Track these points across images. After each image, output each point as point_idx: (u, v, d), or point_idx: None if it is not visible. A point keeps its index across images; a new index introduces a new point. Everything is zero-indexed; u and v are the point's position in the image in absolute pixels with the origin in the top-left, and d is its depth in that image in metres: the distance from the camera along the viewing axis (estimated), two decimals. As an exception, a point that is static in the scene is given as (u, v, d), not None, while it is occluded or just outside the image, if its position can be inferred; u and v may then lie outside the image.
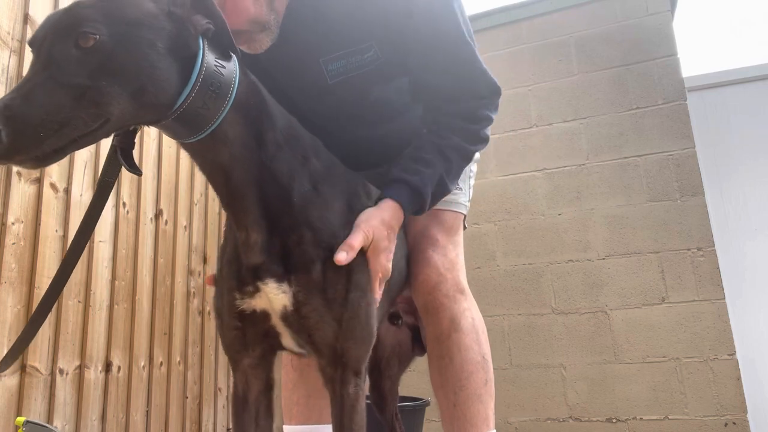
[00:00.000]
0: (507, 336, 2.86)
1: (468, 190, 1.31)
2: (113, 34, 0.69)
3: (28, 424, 1.48)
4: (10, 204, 1.64)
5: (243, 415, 0.96)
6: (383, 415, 1.45)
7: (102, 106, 0.68)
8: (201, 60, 0.77)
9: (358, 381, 0.92)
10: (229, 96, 0.80)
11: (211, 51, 0.79)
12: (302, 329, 0.89)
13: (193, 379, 2.41)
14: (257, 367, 0.96)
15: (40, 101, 0.64)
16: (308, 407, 1.29)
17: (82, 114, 0.66)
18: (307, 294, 0.87)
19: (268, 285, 0.87)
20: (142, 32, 0.72)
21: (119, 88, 0.69)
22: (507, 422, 2.75)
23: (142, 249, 2.19)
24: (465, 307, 1.17)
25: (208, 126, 0.79)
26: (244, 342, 0.93)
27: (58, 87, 0.66)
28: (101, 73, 0.68)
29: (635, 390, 2.60)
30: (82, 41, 0.68)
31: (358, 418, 0.90)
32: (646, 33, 2.90)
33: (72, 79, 0.67)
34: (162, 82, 0.73)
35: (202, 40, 0.79)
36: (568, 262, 2.83)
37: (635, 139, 2.83)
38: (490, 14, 3.18)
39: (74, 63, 0.67)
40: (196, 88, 0.76)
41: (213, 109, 0.78)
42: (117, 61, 0.69)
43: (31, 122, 0.63)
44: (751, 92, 3.06)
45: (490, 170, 3.03)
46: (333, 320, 0.88)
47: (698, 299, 2.58)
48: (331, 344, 0.89)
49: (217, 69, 0.79)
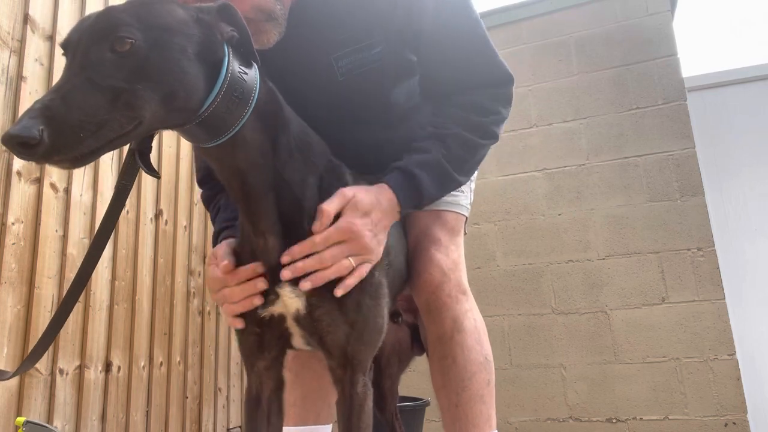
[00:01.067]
0: (507, 336, 2.86)
1: (469, 193, 1.31)
2: (148, 39, 0.71)
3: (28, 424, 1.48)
4: (10, 204, 1.64)
5: (256, 414, 0.98)
6: (383, 414, 1.45)
7: (136, 109, 0.69)
8: (227, 66, 0.79)
9: (366, 381, 0.93)
10: (251, 102, 0.82)
11: (235, 58, 0.81)
12: (314, 332, 0.91)
13: (193, 379, 2.41)
14: (270, 369, 0.98)
15: (79, 103, 0.66)
16: (304, 408, 1.28)
17: (117, 116, 0.68)
18: (319, 298, 0.88)
19: (284, 288, 0.88)
20: (174, 38, 0.74)
21: (151, 92, 0.71)
22: (507, 422, 2.75)
23: (142, 249, 2.19)
24: (467, 308, 1.17)
25: (229, 131, 0.81)
26: (261, 346, 0.95)
27: (95, 89, 0.67)
28: (136, 77, 0.70)
29: (635, 390, 2.60)
30: (118, 45, 0.70)
31: (366, 418, 0.92)
32: (646, 33, 2.90)
33: (108, 81, 0.68)
34: (191, 87, 0.75)
35: (227, 47, 0.81)
36: (568, 262, 2.83)
37: (635, 139, 2.83)
38: (490, 14, 3.18)
39: (110, 66, 0.69)
40: (221, 93, 0.78)
41: (235, 114, 0.80)
42: (151, 65, 0.71)
43: (70, 123, 0.64)
44: (751, 92, 3.06)
45: (490, 170, 3.03)
46: (345, 324, 0.89)
47: (698, 299, 2.59)
48: (343, 346, 0.90)
49: (241, 76, 0.81)
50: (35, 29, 1.80)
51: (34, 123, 0.62)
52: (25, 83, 1.72)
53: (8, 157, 1.66)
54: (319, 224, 0.88)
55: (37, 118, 0.62)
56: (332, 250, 0.89)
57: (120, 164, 2.12)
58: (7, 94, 1.68)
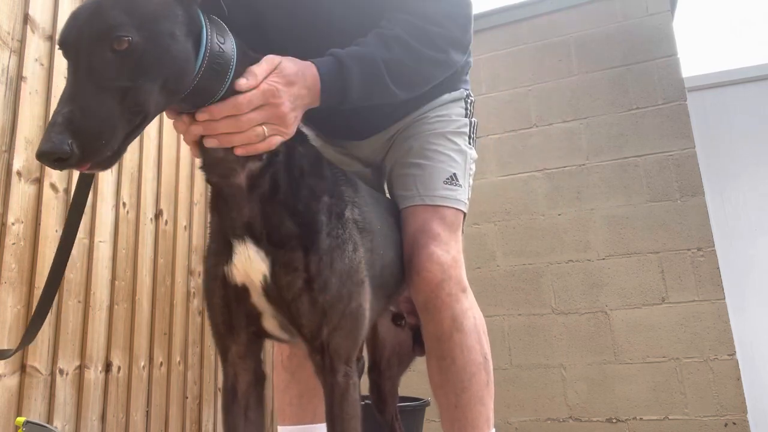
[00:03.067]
0: (507, 336, 2.86)
1: (467, 188, 1.27)
2: (141, 33, 0.73)
3: (28, 424, 1.48)
4: (10, 204, 1.64)
5: (232, 407, 0.96)
6: (383, 415, 1.45)
7: (141, 104, 0.73)
8: (206, 37, 0.81)
9: (348, 370, 0.91)
10: (230, 70, 0.84)
11: (212, 28, 0.83)
12: (283, 305, 0.89)
13: (193, 379, 2.41)
14: (245, 357, 0.96)
15: (95, 110, 0.70)
16: (301, 407, 1.28)
17: (127, 114, 0.72)
18: (285, 266, 0.88)
19: (250, 249, 0.88)
20: (163, 25, 0.76)
21: (151, 83, 0.74)
22: (507, 422, 2.75)
23: (142, 249, 2.19)
24: (467, 306, 1.15)
25: (212, 99, 0.83)
26: (230, 325, 0.94)
27: (104, 93, 0.71)
28: (137, 73, 0.73)
29: (635, 390, 2.60)
30: (116, 45, 0.72)
31: (349, 408, 0.90)
32: (646, 33, 2.90)
33: (114, 83, 0.72)
34: (184, 69, 0.78)
35: (203, 18, 0.83)
36: (568, 262, 2.83)
37: (635, 139, 2.83)
38: (490, 14, 3.18)
39: (113, 67, 0.72)
40: (204, 65, 0.80)
41: (217, 83, 0.83)
42: (148, 59, 0.74)
43: (93, 131, 0.69)
44: (751, 92, 3.06)
45: (490, 170, 3.03)
46: (313, 298, 0.88)
47: (698, 299, 2.59)
48: (315, 328, 0.89)
49: (219, 44, 0.83)
50: (35, 29, 1.80)
51: (63, 138, 0.66)
52: (25, 83, 1.72)
53: (8, 157, 1.66)
54: (245, 82, 0.85)
55: (63, 133, 0.67)
56: (250, 115, 0.86)
57: (120, 164, 2.12)
58: (7, 94, 1.68)
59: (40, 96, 1.78)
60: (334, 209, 0.95)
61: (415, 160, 1.24)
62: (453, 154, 1.25)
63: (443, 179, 1.21)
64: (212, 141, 0.86)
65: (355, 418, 0.90)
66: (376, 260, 1.02)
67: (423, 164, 1.22)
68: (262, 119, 0.87)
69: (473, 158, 1.30)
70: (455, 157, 1.25)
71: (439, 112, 1.27)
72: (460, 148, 1.26)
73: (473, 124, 1.32)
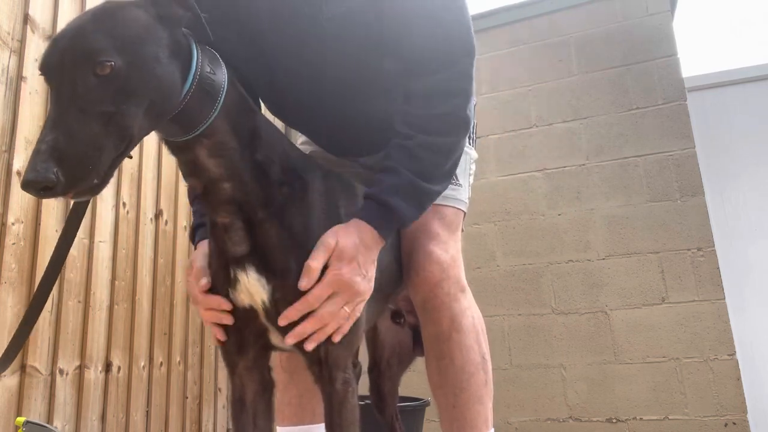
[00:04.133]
0: (507, 336, 2.86)
1: (468, 188, 1.27)
2: (125, 58, 0.72)
3: (28, 424, 1.47)
4: (10, 204, 1.64)
5: (241, 417, 0.97)
6: (383, 415, 1.45)
7: (126, 128, 0.72)
8: (196, 61, 0.81)
9: (347, 376, 0.92)
10: (220, 98, 0.84)
11: (203, 55, 0.83)
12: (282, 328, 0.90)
13: (193, 379, 2.41)
14: (252, 370, 0.97)
15: (80, 136, 0.68)
16: (300, 407, 1.28)
17: (112, 139, 0.71)
18: (282, 292, 0.88)
19: (249, 275, 0.89)
20: (146, 48, 0.75)
21: (136, 107, 0.73)
22: (507, 422, 2.75)
23: (142, 249, 2.19)
24: (465, 306, 1.15)
25: (198, 127, 0.83)
26: (240, 344, 0.95)
27: (88, 118, 0.70)
28: (120, 98, 0.72)
29: (635, 390, 2.60)
30: (99, 70, 0.71)
31: (349, 414, 0.91)
32: (646, 33, 2.90)
33: (98, 107, 0.70)
34: (169, 92, 0.77)
35: (194, 43, 0.83)
36: (568, 262, 2.83)
37: (635, 139, 2.83)
38: (490, 14, 3.18)
39: (96, 92, 0.71)
40: (193, 87, 0.80)
41: (206, 107, 0.83)
42: (132, 83, 0.73)
43: (78, 158, 0.67)
44: (751, 92, 3.06)
45: (490, 170, 3.03)
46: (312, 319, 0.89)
47: (698, 299, 2.59)
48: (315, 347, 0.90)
49: (209, 74, 0.83)
50: (35, 29, 1.80)
51: (48, 166, 0.65)
52: (25, 83, 1.72)
53: (8, 157, 1.66)
54: (306, 281, 0.87)
55: (48, 161, 0.65)
56: (328, 306, 0.88)
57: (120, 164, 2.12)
58: (7, 94, 1.68)
59: (40, 96, 1.78)
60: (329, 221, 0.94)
61: None
62: None
63: None
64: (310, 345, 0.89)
65: (354, 424, 0.92)
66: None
67: None
68: (341, 304, 0.89)
69: (473, 158, 1.31)
70: None
71: None
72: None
73: (473, 124, 1.30)
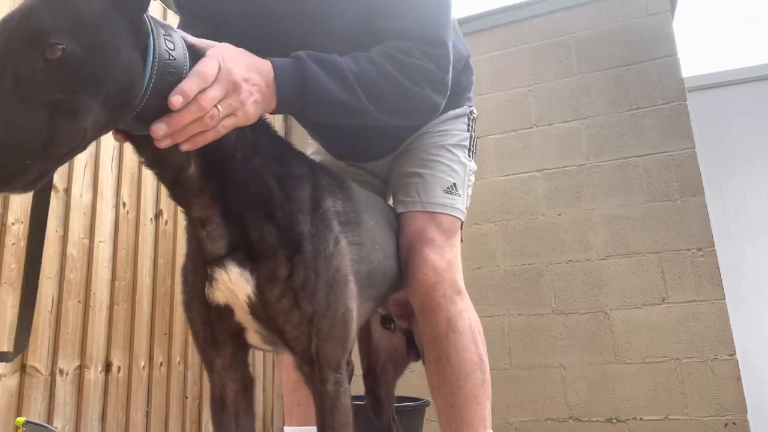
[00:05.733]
0: (507, 336, 2.85)
1: (466, 198, 1.32)
2: (78, 41, 0.65)
3: (28, 425, 1.48)
4: (10, 204, 1.64)
5: (222, 417, 0.95)
6: (380, 419, 1.46)
7: (78, 119, 0.64)
8: (152, 45, 0.72)
9: (339, 377, 0.90)
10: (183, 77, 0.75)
11: (158, 33, 0.74)
12: (270, 321, 0.87)
13: (193, 379, 2.41)
14: (230, 368, 0.95)
15: (19, 125, 0.60)
16: (310, 408, 1.29)
17: (62, 131, 0.63)
18: (270, 281, 0.85)
19: (231, 272, 0.85)
20: (103, 33, 0.67)
21: (90, 98, 0.65)
22: (507, 422, 2.75)
23: (142, 249, 2.19)
24: (462, 308, 1.17)
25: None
26: (214, 341, 0.92)
27: (32, 106, 0.62)
28: (72, 85, 0.64)
29: (635, 390, 2.60)
30: (49, 53, 0.63)
31: (340, 416, 0.88)
32: (646, 33, 2.90)
33: (45, 95, 0.63)
34: (129, 85, 0.69)
35: (151, 24, 0.73)
36: (568, 262, 2.83)
37: (635, 139, 2.83)
38: (490, 14, 3.18)
39: (44, 77, 0.63)
40: (153, 76, 0.71)
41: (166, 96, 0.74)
42: (85, 70, 0.65)
43: (15, 150, 0.60)
44: (751, 92, 3.06)
45: (490, 170, 3.03)
46: (301, 311, 0.85)
47: (698, 299, 2.58)
48: (304, 339, 0.87)
49: (168, 51, 0.74)
50: None
51: None
52: (25, 83, 1.72)
53: (8, 158, 1.66)
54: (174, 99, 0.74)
55: None
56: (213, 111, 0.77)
57: (120, 164, 2.12)
58: (7, 95, 1.68)
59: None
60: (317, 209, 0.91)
61: (417, 169, 1.29)
62: (453, 165, 1.30)
63: (443, 188, 1.26)
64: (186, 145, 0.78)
65: (347, 425, 0.89)
66: (364, 260, 1.01)
67: (424, 173, 1.27)
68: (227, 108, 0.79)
69: (472, 170, 1.36)
70: (455, 168, 1.30)
71: (443, 126, 1.32)
72: (460, 160, 1.31)
73: (473, 138, 1.38)
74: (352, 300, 0.93)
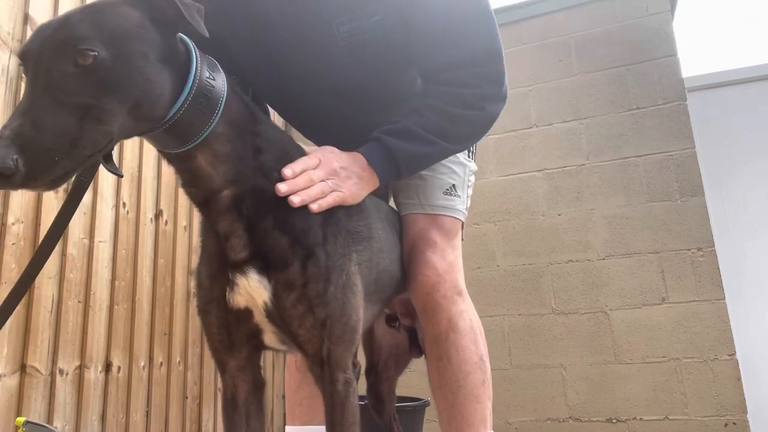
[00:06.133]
0: (507, 336, 2.85)
1: (466, 199, 1.33)
2: (110, 50, 0.69)
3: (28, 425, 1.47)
4: (10, 204, 1.64)
5: (233, 417, 0.97)
6: (381, 417, 1.46)
7: (105, 124, 0.68)
8: (195, 70, 0.78)
9: (347, 377, 0.92)
10: (219, 107, 0.81)
11: (203, 62, 0.81)
12: (284, 325, 0.89)
13: (193, 379, 2.41)
14: (243, 369, 0.97)
15: (49, 125, 0.64)
16: (312, 408, 1.29)
17: (88, 133, 0.67)
18: (286, 288, 0.87)
19: (250, 279, 0.88)
20: (135, 45, 0.72)
21: (118, 104, 0.69)
22: (507, 422, 2.75)
23: (142, 249, 2.19)
24: (462, 308, 1.18)
25: (197, 137, 0.80)
26: (230, 343, 0.94)
27: (62, 108, 0.66)
28: (101, 91, 0.68)
29: (635, 390, 2.60)
30: (80, 59, 0.67)
31: (349, 415, 0.91)
32: (646, 33, 2.90)
33: (74, 98, 0.67)
34: (157, 94, 0.74)
35: (194, 49, 0.80)
36: (568, 262, 2.83)
37: (635, 140, 2.83)
38: (490, 14, 3.18)
39: (75, 82, 0.67)
40: (189, 98, 0.77)
41: (203, 120, 0.80)
42: (115, 77, 0.69)
43: (43, 148, 0.63)
44: (751, 92, 3.06)
45: (490, 170, 3.03)
46: (315, 317, 0.88)
47: (698, 299, 2.58)
48: (316, 342, 0.90)
49: (209, 81, 0.80)
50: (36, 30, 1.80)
51: (8, 152, 0.61)
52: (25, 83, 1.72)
53: (8, 158, 1.66)
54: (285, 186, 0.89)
55: (9, 147, 0.61)
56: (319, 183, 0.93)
57: (119, 164, 2.12)
58: (7, 95, 1.68)
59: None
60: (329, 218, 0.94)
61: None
62: (453, 167, 1.31)
63: (443, 190, 1.27)
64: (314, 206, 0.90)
65: (355, 424, 0.92)
66: (373, 266, 1.04)
67: (424, 175, 1.28)
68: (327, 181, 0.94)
69: (472, 171, 1.37)
70: (455, 169, 1.31)
71: None
72: (459, 161, 1.32)
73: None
74: (361, 306, 0.96)
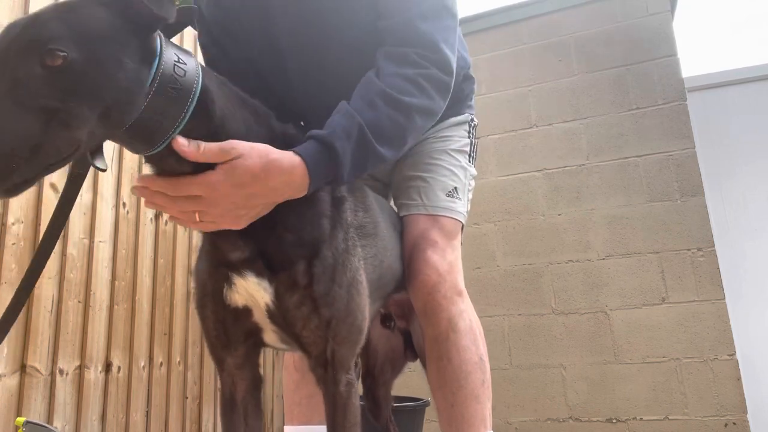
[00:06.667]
0: (507, 336, 2.85)
1: (466, 201, 1.35)
2: (81, 51, 0.63)
3: (28, 425, 1.48)
4: (10, 204, 1.64)
5: (232, 416, 0.96)
6: (378, 420, 1.46)
7: (72, 130, 0.63)
8: (158, 60, 0.70)
9: (350, 378, 0.92)
10: (191, 100, 0.73)
11: (169, 48, 0.73)
12: (288, 326, 0.88)
13: (193, 379, 2.41)
14: (242, 367, 0.96)
15: (8, 128, 0.59)
16: (310, 407, 1.30)
17: (53, 139, 0.62)
18: (289, 290, 0.85)
19: (248, 280, 0.85)
20: (109, 46, 0.66)
21: (88, 109, 0.64)
22: (507, 422, 2.75)
23: (142, 249, 2.19)
24: (462, 308, 1.19)
25: (167, 136, 0.72)
26: (227, 340, 0.93)
27: (25, 112, 0.61)
28: (70, 95, 0.63)
29: (635, 390, 2.60)
30: (49, 59, 0.62)
31: (351, 416, 0.91)
32: (646, 33, 2.90)
33: (40, 102, 0.61)
34: (131, 99, 0.67)
35: (160, 38, 0.72)
36: (568, 262, 2.83)
37: (635, 139, 2.83)
38: (490, 14, 3.18)
39: (41, 84, 0.62)
40: (151, 92, 0.69)
41: (172, 116, 0.72)
42: (86, 80, 0.64)
43: (1, 153, 0.59)
44: (751, 92, 3.06)
45: (490, 170, 3.03)
46: (320, 317, 0.86)
47: (698, 299, 2.58)
48: (320, 343, 0.88)
49: (177, 67, 0.71)
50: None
51: None
52: (25, 83, 1.72)
53: (8, 158, 1.66)
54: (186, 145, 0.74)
55: None
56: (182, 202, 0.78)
57: (120, 164, 2.12)
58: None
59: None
60: (335, 215, 0.92)
61: (419, 173, 1.31)
62: (455, 170, 1.32)
63: (445, 192, 1.29)
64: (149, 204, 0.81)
65: (356, 425, 0.92)
66: (377, 266, 1.04)
67: (426, 177, 1.30)
68: (193, 209, 0.78)
69: (472, 175, 1.39)
70: (457, 173, 1.32)
71: (444, 132, 1.35)
72: (461, 165, 1.34)
73: (474, 144, 1.41)
74: (367, 305, 0.95)
